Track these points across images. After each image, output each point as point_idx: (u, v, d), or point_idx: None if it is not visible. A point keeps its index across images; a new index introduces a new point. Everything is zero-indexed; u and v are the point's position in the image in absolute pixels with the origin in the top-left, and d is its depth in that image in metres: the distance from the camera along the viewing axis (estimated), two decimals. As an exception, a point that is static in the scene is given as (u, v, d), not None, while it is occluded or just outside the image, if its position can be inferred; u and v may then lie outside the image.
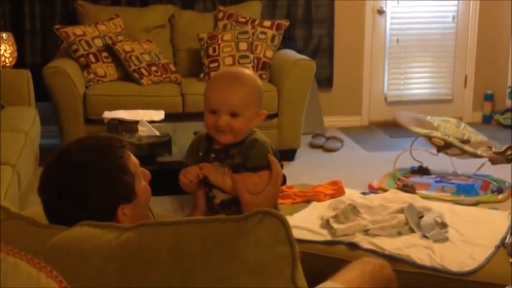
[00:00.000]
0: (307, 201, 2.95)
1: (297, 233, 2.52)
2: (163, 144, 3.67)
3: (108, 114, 4.45)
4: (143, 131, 3.78)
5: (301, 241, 2.57)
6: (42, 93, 4.96)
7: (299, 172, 4.76)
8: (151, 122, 4.24)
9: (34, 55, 5.64)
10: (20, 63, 5.28)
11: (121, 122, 4.29)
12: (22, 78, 4.74)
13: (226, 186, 1.82)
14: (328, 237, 2.61)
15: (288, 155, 5.18)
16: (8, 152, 3.60)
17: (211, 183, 1.84)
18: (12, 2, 5.57)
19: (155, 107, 4.70)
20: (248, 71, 1.91)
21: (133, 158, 1.66)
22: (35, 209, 1.69)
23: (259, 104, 1.87)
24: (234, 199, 1.84)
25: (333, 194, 2.96)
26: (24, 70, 4.81)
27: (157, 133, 3.80)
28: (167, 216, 2.18)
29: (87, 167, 1.57)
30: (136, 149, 1.78)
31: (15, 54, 5.22)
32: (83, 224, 1.41)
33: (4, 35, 5.16)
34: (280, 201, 2.83)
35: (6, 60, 5.12)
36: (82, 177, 1.56)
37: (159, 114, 4.45)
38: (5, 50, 5.13)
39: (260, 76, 5.22)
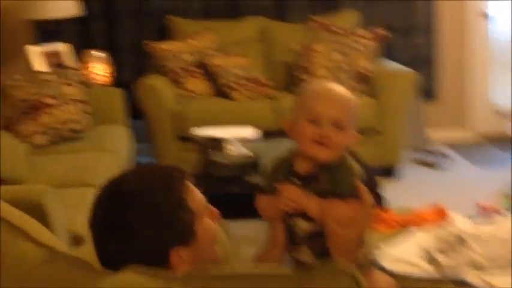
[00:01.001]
0: (405, 227, 2.63)
1: (395, 266, 2.25)
2: (251, 164, 3.45)
3: (196, 131, 4.27)
4: (232, 149, 3.57)
5: (400, 276, 2.27)
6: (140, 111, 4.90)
7: (399, 191, 4.42)
8: (243, 139, 4.03)
9: (130, 72, 5.55)
10: (116, 80, 5.19)
11: (210, 139, 4.09)
12: (114, 97, 4.66)
13: (312, 212, 1.59)
14: (433, 273, 2.30)
15: (387, 172, 4.87)
16: (92, 173, 3.48)
17: (293, 211, 1.62)
18: (106, 19, 5.50)
19: (248, 123, 4.49)
20: None
21: (197, 194, 1.44)
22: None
23: (355, 123, 1.66)
24: (318, 231, 1.59)
25: (435, 219, 2.63)
26: (117, 89, 4.74)
27: (247, 152, 3.58)
28: (236, 251, 1.93)
29: (137, 199, 1.36)
30: (222, 168, 1.59)
31: (111, 73, 5.14)
32: (130, 269, 1.23)
33: (100, 54, 5.09)
34: (374, 226, 2.55)
35: (102, 78, 5.03)
36: (130, 211, 1.35)
37: (252, 132, 4.23)
38: (102, 69, 5.04)
39: (356, 89, 4.95)
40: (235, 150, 3.58)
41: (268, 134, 4.38)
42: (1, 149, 3.39)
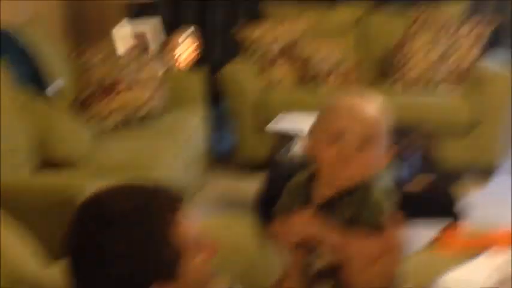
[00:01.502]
0: (474, 251, 2.32)
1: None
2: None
3: (278, 123, 4.06)
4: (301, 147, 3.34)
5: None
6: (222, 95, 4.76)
7: (490, 201, 4.03)
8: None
9: (218, 53, 5.40)
10: (202, 60, 5.04)
11: (283, 135, 3.87)
12: (195, 82, 4.50)
13: (333, 244, 1.35)
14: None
15: (482, 177, 4.50)
16: (155, 162, 3.35)
17: (310, 244, 1.39)
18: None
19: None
20: None
21: (190, 228, 1.24)
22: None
23: (386, 141, 1.41)
24: (336, 267, 1.35)
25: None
26: (198, 73, 4.57)
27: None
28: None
29: (117, 225, 1.18)
30: (285, 168, 1.40)
31: (199, 52, 4.98)
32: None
33: (190, 30, 4.95)
34: (442, 249, 2.27)
35: (188, 58, 4.87)
36: (109, 236, 1.17)
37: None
38: (189, 47, 4.89)
39: (451, 90, 4.59)
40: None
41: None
42: (65, 131, 3.32)
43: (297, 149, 3.31)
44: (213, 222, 2.14)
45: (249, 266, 1.93)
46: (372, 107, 1.38)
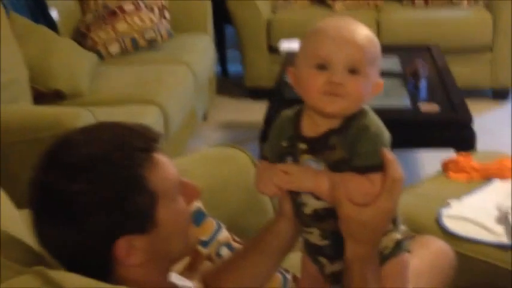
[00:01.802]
0: (488, 179, 2.22)
1: (461, 227, 1.89)
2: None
3: (285, 44, 3.92)
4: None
5: (465, 240, 1.91)
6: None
7: (504, 124, 3.89)
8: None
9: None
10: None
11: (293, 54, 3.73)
12: (200, 5, 4.32)
13: (322, 191, 1.22)
14: (504, 239, 1.90)
15: (501, 95, 4.35)
16: (158, 89, 3.24)
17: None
18: None
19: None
20: None
21: (168, 169, 1.13)
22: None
23: (379, 69, 1.24)
24: (331, 209, 1.23)
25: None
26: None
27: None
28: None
29: (82, 171, 1.06)
30: (291, 90, 1.27)
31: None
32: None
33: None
34: (452, 175, 2.16)
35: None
36: (73, 185, 1.05)
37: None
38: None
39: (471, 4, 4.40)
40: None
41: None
42: (65, 59, 3.22)
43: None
44: (212, 153, 2.03)
45: (242, 205, 1.85)
46: (361, 29, 1.23)
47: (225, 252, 1.64)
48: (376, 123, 1.22)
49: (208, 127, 4.15)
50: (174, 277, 1.36)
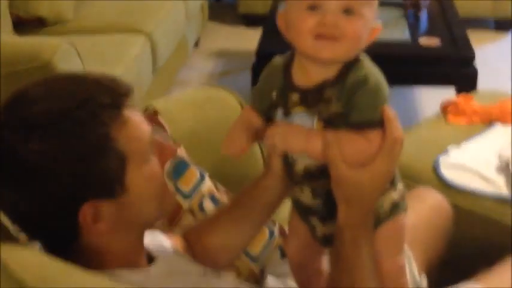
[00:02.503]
0: (490, 123, 2.10)
1: (459, 177, 1.79)
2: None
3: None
4: None
5: (463, 191, 1.81)
6: None
7: (507, 54, 3.75)
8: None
9: None
10: None
11: None
12: None
13: (314, 151, 1.10)
14: (504, 190, 1.80)
15: (503, 26, 4.21)
16: (146, 18, 3.10)
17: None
18: None
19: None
20: None
21: (139, 127, 1.02)
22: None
23: (376, 11, 1.10)
24: (324, 167, 1.11)
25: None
26: None
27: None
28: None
29: (42, 130, 0.95)
30: None
31: None
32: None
33: None
34: (452, 119, 2.05)
35: None
36: (31, 145, 0.95)
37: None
38: None
39: None
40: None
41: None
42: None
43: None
44: (198, 94, 1.91)
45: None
46: None
47: (208, 204, 1.55)
48: (376, 74, 1.09)
49: (200, 55, 4.02)
50: (151, 236, 1.26)
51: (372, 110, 1.07)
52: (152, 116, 1.62)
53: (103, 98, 0.98)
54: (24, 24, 2.97)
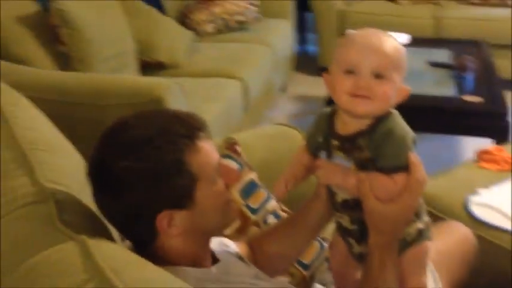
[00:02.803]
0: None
1: (486, 214, 1.71)
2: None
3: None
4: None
5: (488, 226, 1.73)
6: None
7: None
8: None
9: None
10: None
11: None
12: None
13: (348, 188, 1.10)
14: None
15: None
16: (241, 66, 3.13)
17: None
18: None
19: (406, 29, 3.82)
20: None
21: (208, 155, 1.03)
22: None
23: (404, 76, 1.08)
24: (359, 200, 1.11)
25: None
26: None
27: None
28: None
29: (131, 150, 0.98)
30: None
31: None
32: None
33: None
34: (484, 165, 1.97)
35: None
36: (122, 162, 0.97)
37: (403, 38, 3.58)
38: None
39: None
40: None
41: (422, 42, 3.70)
42: (167, 35, 3.14)
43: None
44: (271, 130, 1.91)
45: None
46: (388, 38, 1.08)
47: (271, 220, 1.54)
48: (401, 126, 1.08)
49: (286, 99, 4.02)
50: (220, 242, 1.27)
51: (397, 157, 1.06)
52: (231, 146, 1.63)
53: (181, 129, 1.00)
54: (148, 67, 3.06)
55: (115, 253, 0.85)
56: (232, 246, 1.29)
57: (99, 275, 0.76)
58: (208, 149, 1.03)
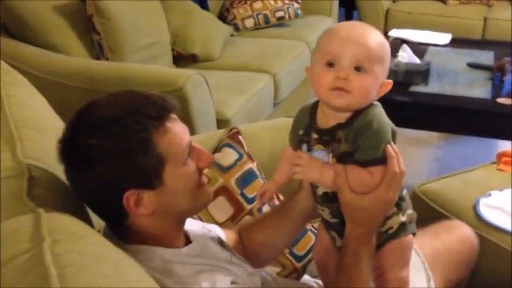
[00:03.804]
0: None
1: (494, 216, 1.65)
2: (420, 73, 2.79)
3: (395, 33, 3.63)
4: (403, 56, 2.94)
5: (494, 227, 1.67)
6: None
7: None
8: (435, 45, 3.36)
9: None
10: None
11: (404, 41, 3.46)
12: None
13: (325, 183, 1.10)
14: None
15: None
16: (274, 61, 3.11)
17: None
18: None
19: (453, 29, 3.71)
20: None
21: (178, 136, 1.03)
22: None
23: (387, 70, 1.07)
24: (335, 194, 1.11)
25: None
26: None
27: (418, 61, 2.92)
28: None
29: (99, 130, 0.99)
30: (392, 75, 1.15)
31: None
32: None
33: None
34: (501, 167, 1.90)
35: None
36: (90, 141, 0.98)
37: (445, 38, 3.49)
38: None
39: None
40: (406, 57, 2.93)
41: (466, 43, 3.59)
42: (203, 29, 3.17)
43: (400, 57, 2.90)
44: (280, 122, 1.89)
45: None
46: (371, 31, 1.05)
47: (266, 209, 1.53)
48: (380, 119, 1.05)
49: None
50: (203, 226, 1.27)
51: (373, 150, 1.04)
52: (233, 134, 1.63)
53: (149, 110, 1.00)
54: (182, 59, 3.09)
55: (65, 227, 0.86)
56: (216, 231, 1.29)
57: (39, 246, 0.78)
58: (177, 131, 1.03)
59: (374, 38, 1.03)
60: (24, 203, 0.94)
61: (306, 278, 1.48)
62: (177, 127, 1.03)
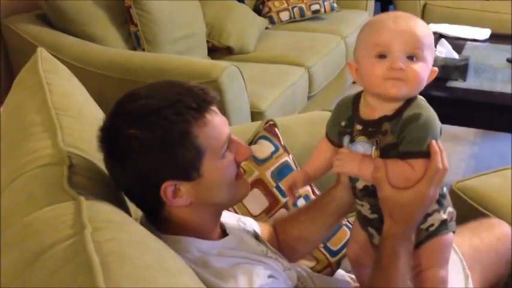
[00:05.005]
0: None
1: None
2: (458, 68, 2.74)
3: (433, 27, 3.57)
4: (441, 51, 2.88)
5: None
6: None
7: None
8: (474, 40, 3.28)
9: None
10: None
11: (442, 36, 3.39)
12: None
13: (364, 177, 1.08)
14: None
15: None
16: (308, 55, 3.09)
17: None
18: None
19: (491, 24, 3.63)
20: None
21: (217, 129, 1.01)
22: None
23: (433, 55, 1.05)
24: (375, 188, 1.09)
25: None
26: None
27: (457, 56, 2.86)
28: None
29: (139, 121, 0.98)
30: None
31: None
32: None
33: None
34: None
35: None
36: (130, 131, 0.98)
37: (484, 33, 3.41)
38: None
39: None
40: (444, 52, 2.88)
41: (506, 38, 3.50)
42: (239, 22, 3.16)
43: (437, 52, 2.85)
44: (316, 115, 1.87)
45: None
46: (415, 19, 1.04)
47: (301, 203, 1.52)
48: (428, 113, 1.03)
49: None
50: (238, 218, 1.27)
51: (418, 142, 1.02)
52: (269, 127, 1.62)
53: (190, 102, 0.99)
54: (217, 51, 3.09)
55: (106, 215, 0.86)
56: (251, 224, 1.29)
57: (80, 233, 0.78)
58: (217, 123, 1.02)
59: (421, 25, 1.02)
60: (65, 190, 0.94)
61: (340, 272, 1.46)
62: (216, 119, 1.02)
